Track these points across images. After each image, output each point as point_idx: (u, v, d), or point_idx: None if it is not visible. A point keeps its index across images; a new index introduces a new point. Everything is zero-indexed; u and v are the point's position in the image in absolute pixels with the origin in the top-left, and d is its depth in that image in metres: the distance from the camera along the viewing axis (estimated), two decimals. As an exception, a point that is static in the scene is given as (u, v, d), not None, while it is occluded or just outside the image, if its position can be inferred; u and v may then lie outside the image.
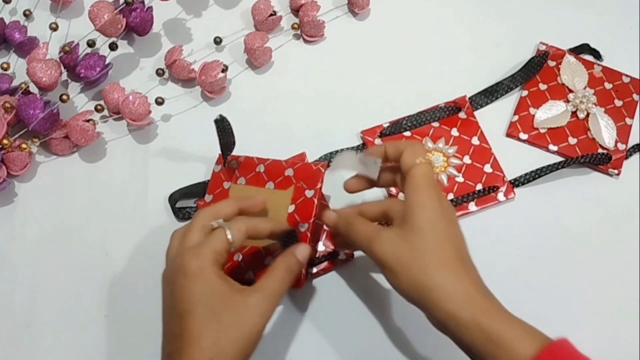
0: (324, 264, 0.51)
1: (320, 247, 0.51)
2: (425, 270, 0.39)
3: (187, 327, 0.38)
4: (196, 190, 0.54)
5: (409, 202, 0.41)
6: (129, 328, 0.45)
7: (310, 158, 0.55)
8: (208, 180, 0.54)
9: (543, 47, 0.61)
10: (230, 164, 0.53)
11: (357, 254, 0.52)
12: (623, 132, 0.58)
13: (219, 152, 0.52)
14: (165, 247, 0.43)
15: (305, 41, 0.62)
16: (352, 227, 0.44)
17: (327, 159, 0.55)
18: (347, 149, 0.56)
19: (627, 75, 0.60)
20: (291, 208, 0.50)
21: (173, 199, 0.53)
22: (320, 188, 0.50)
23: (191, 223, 0.42)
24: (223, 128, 0.48)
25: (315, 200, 0.49)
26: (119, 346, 0.49)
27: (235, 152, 0.52)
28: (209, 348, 0.37)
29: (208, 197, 0.53)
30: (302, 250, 0.44)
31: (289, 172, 0.51)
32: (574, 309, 0.52)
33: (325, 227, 0.51)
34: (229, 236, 0.40)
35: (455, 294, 0.38)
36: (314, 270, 0.51)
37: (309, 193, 0.50)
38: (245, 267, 0.49)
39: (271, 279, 0.41)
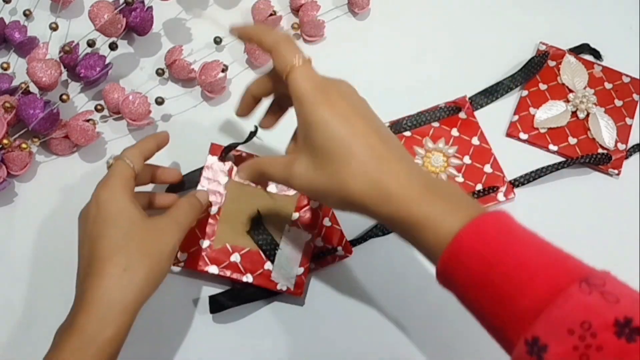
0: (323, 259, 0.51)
1: (319, 242, 0.51)
2: (347, 191, 0.37)
3: (100, 248, 0.40)
4: (188, 180, 0.53)
5: (300, 119, 0.38)
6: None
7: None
8: (197, 170, 0.53)
9: (543, 47, 0.61)
10: (228, 157, 0.52)
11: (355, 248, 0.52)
12: (623, 132, 0.58)
13: (211, 142, 0.51)
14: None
15: (305, 41, 0.62)
16: (264, 174, 0.42)
17: None
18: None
19: (627, 75, 0.60)
20: (295, 215, 0.49)
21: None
22: None
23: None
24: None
25: (320, 212, 0.49)
26: (119, 346, 0.49)
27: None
28: (120, 262, 0.39)
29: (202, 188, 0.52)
30: (201, 194, 0.48)
31: None
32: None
33: (323, 223, 0.51)
34: (127, 161, 0.44)
35: (377, 198, 0.36)
36: (312, 265, 0.51)
37: (314, 204, 0.49)
38: (244, 270, 0.49)
39: (176, 209, 0.45)
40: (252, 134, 0.51)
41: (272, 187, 0.50)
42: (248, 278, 0.49)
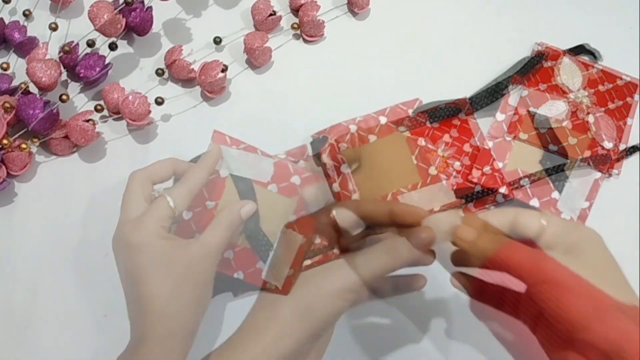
0: (318, 257, 0.51)
1: (316, 240, 0.51)
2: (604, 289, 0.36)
3: (144, 292, 0.40)
4: None
5: (573, 235, 0.39)
6: (129, 328, 0.46)
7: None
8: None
9: (540, 48, 0.61)
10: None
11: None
12: (623, 132, 0.58)
13: (215, 129, 0.51)
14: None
15: (305, 41, 0.62)
16: (499, 243, 0.39)
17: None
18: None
19: (626, 76, 0.60)
20: (292, 217, 0.49)
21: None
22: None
23: (128, 189, 0.43)
24: None
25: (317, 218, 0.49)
26: (119, 346, 0.48)
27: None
28: (176, 304, 0.40)
29: None
30: (247, 209, 0.46)
31: (296, 179, 0.49)
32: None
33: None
34: (171, 204, 0.42)
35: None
36: (309, 262, 0.51)
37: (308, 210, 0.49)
38: (235, 267, 0.49)
39: (212, 232, 0.43)
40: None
41: (273, 187, 0.50)
42: (239, 275, 0.49)
